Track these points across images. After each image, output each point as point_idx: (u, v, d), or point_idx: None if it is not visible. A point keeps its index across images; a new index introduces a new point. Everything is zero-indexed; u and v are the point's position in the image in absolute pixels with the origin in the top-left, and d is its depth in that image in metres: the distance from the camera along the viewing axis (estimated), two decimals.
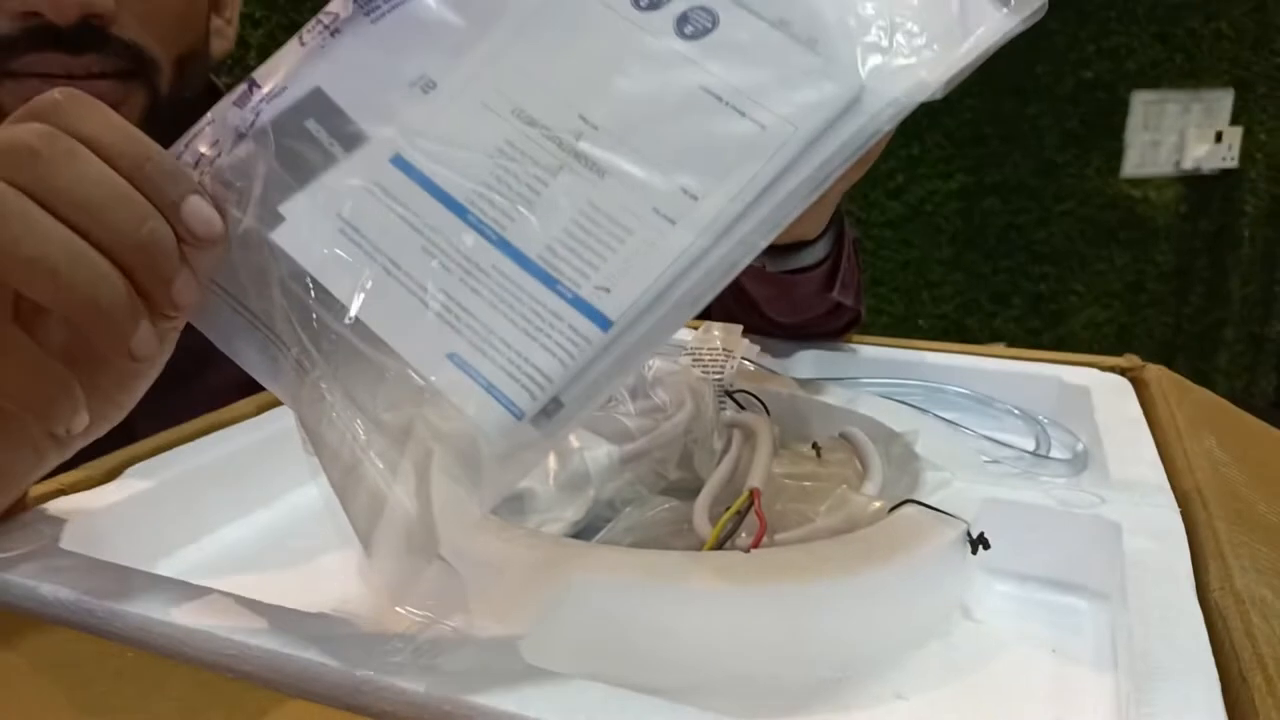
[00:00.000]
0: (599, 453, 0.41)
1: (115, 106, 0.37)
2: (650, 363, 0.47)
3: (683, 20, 0.30)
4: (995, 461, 0.44)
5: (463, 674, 0.25)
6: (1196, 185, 1.67)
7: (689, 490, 0.41)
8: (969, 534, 0.34)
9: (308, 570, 0.37)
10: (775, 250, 0.55)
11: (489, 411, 0.26)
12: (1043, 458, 0.44)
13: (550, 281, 0.27)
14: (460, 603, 0.26)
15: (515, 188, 0.28)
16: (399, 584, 0.26)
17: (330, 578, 0.35)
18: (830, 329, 0.60)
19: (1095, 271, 1.67)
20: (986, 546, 0.33)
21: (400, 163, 0.29)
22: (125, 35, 0.50)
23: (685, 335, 0.52)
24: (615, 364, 0.27)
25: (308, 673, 0.26)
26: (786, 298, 0.58)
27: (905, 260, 1.59)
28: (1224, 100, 1.63)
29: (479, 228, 0.28)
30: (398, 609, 0.26)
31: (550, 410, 0.26)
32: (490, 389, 0.26)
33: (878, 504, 0.36)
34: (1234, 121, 1.64)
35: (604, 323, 0.26)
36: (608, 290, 0.27)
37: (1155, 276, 1.70)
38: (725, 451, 0.43)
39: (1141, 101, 1.60)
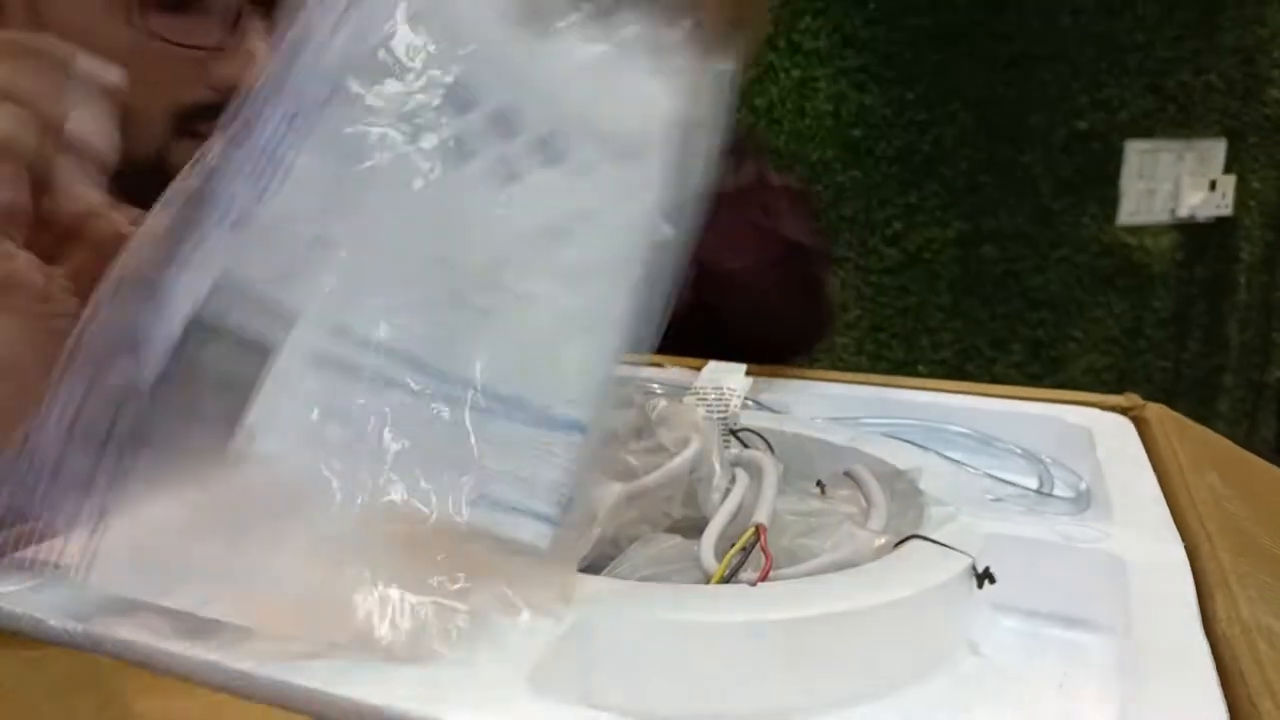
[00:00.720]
0: (605, 490, 0.42)
1: None
2: (656, 403, 0.48)
3: (542, 145, 0.34)
4: (999, 500, 0.44)
5: (468, 705, 0.25)
6: (1192, 233, 1.69)
7: (694, 528, 0.41)
8: (974, 568, 0.34)
9: None
10: None
11: (529, 529, 0.31)
12: (1046, 495, 0.45)
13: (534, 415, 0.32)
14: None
15: (459, 341, 0.31)
16: None
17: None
18: (800, 312, 0.61)
19: (1093, 318, 1.68)
20: (992, 581, 0.34)
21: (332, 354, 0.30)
22: None
23: (689, 376, 0.52)
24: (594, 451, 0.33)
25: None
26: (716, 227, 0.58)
27: (904, 306, 1.60)
28: (1217, 149, 1.66)
29: (447, 391, 0.31)
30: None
31: (566, 505, 0.33)
32: (524, 511, 0.31)
33: (883, 539, 0.36)
34: (1227, 170, 1.66)
35: (582, 428, 0.33)
36: (573, 401, 0.33)
37: (1153, 323, 1.71)
38: (730, 489, 0.43)
39: (1135, 151, 1.63)
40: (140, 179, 0.55)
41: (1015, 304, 1.65)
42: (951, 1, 1.51)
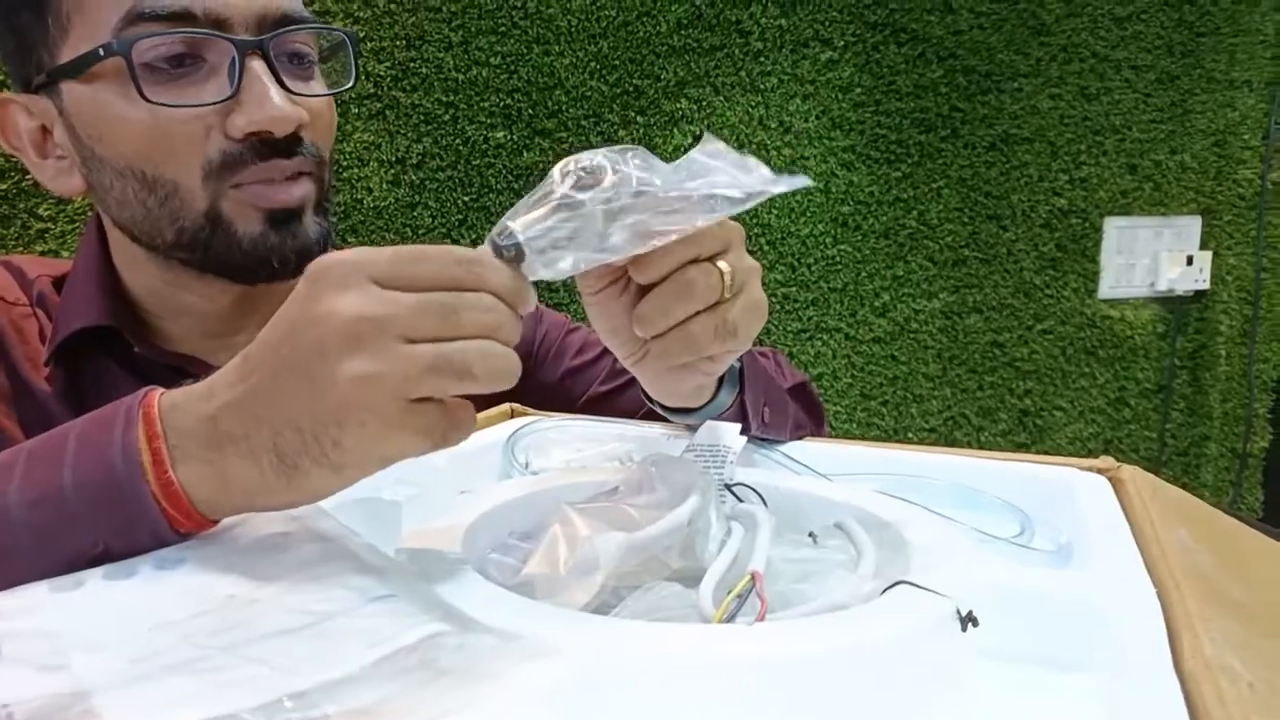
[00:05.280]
0: (608, 539, 0.44)
1: (306, 201, 0.63)
2: (656, 459, 0.50)
3: None
4: (982, 549, 0.46)
5: None
6: (1172, 306, 1.74)
7: (692, 578, 0.43)
8: (958, 611, 0.36)
9: None
10: (673, 410, 0.59)
11: None
12: (1028, 547, 0.47)
13: None
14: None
15: None
16: None
17: None
18: None
19: (1078, 388, 1.72)
20: (975, 624, 0.36)
21: None
22: (308, 139, 0.61)
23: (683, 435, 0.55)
24: None
25: None
26: None
27: (893, 375, 1.63)
28: (1193, 226, 1.72)
29: None
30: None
31: None
32: None
33: (871, 584, 0.38)
34: (1203, 246, 1.72)
35: None
36: None
37: (1137, 393, 1.75)
38: (727, 540, 0.45)
39: (1114, 227, 1.68)
40: (203, 243, 0.58)
41: (1002, 374, 1.69)
42: (935, 87, 1.57)
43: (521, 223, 0.40)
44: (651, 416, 0.62)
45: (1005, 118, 1.61)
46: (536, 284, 0.41)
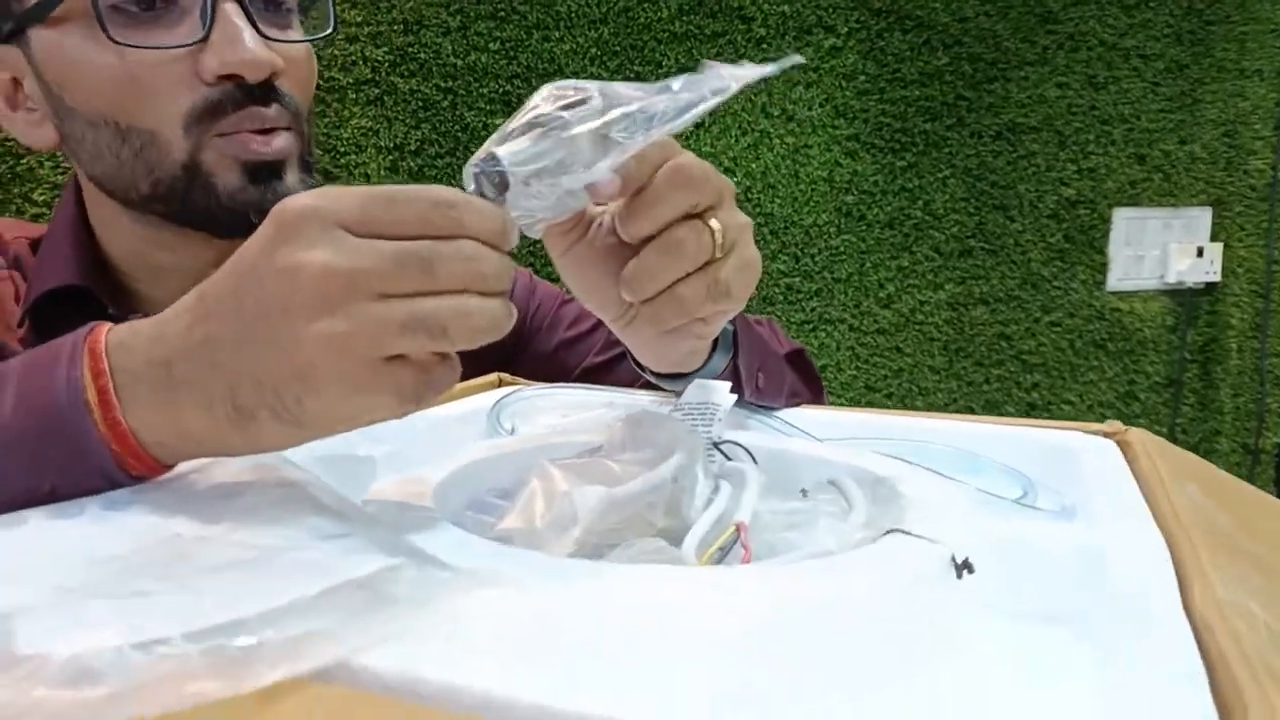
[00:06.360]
0: (588, 494, 0.42)
1: (288, 155, 0.60)
2: (642, 417, 0.48)
3: None
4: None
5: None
6: (1182, 298, 1.71)
7: (678, 537, 0.41)
8: (953, 558, 0.34)
9: None
10: (664, 377, 0.56)
11: None
12: (1030, 507, 0.44)
13: None
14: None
15: None
16: None
17: None
18: None
19: (1086, 381, 1.69)
20: (971, 570, 0.33)
21: None
22: (285, 90, 0.59)
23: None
24: None
25: None
26: None
27: (898, 368, 1.61)
28: (1203, 218, 1.69)
29: None
30: None
31: None
32: None
33: (863, 534, 0.36)
34: (1214, 237, 1.69)
35: None
36: None
37: (1146, 387, 1.72)
38: (714, 498, 0.43)
39: (1122, 218, 1.66)
40: (180, 195, 0.56)
41: (1009, 367, 1.66)
42: (940, 75, 1.55)
43: (507, 149, 0.38)
44: (648, 387, 0.60)
45: (1012, 106, 1.59)
46: (527, 255, 0.39)
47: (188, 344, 0.34)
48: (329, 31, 0.63)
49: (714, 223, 0.43)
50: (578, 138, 0.39)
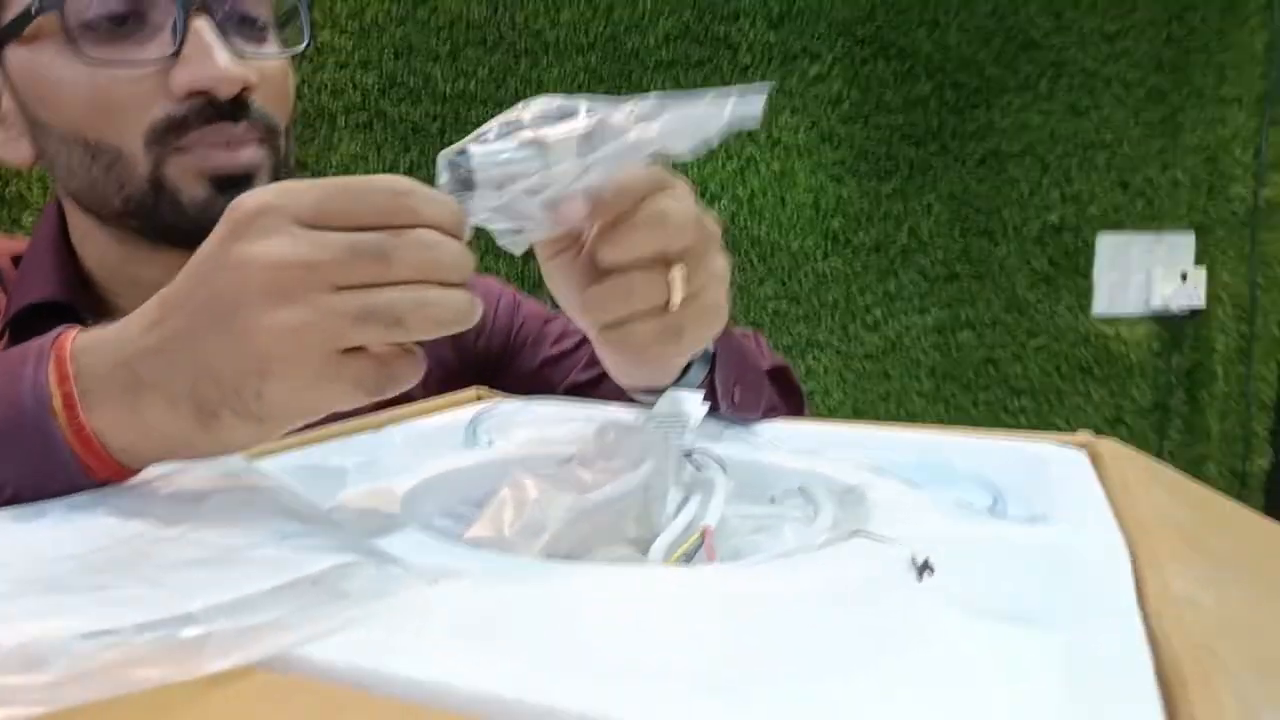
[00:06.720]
0: (557, 502, 0.42)
1: (257, 168, 0.59)
2: (614, 427, 0.48)
3: None
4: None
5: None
6: (1167, 323, 1.72)
7: (648, 547, 0.41)
8: (914, 559, 0.34)
9: None
10: (643, 389, 0.56)
11: None
12: (1000, 516, 0.45)
13: None
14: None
15: None
16: None
17: None
18: None
19: (1074, 405, 1.70)
20: (931, 571, 0.34)
21: None
22: (258, 105, 0.59)
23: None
24: None
25: None
26: None
27: (885, 392, 1.61)
28: (1186, 243, 1.71)
29: None
30: None
31: None
32: None
33: (827, 536, 0.36)
34: (1198, 262, 1.71)
35: None
36: None
37: (1134, 411, 1.72)
38: (684, 506, 0.44)
39: (1107, 243, 1.67)
40: (148, 210, 0.57)
41: (996, 391, 1.66)
42: (924, 102, 1.57)
43: (480, 148, 0.38)
44: (633, 402, 0.60)
45: (995, 133, 1.61)
46: (516, 273, 0.39)
47: (148, 344, 0.35)
48: (304, 46, 0.63)
49: (676, 272, 0.42)
50: (551, 153, 0.39)
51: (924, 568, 0.34)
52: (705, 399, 0.55)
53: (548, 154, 0.38)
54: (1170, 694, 0.24)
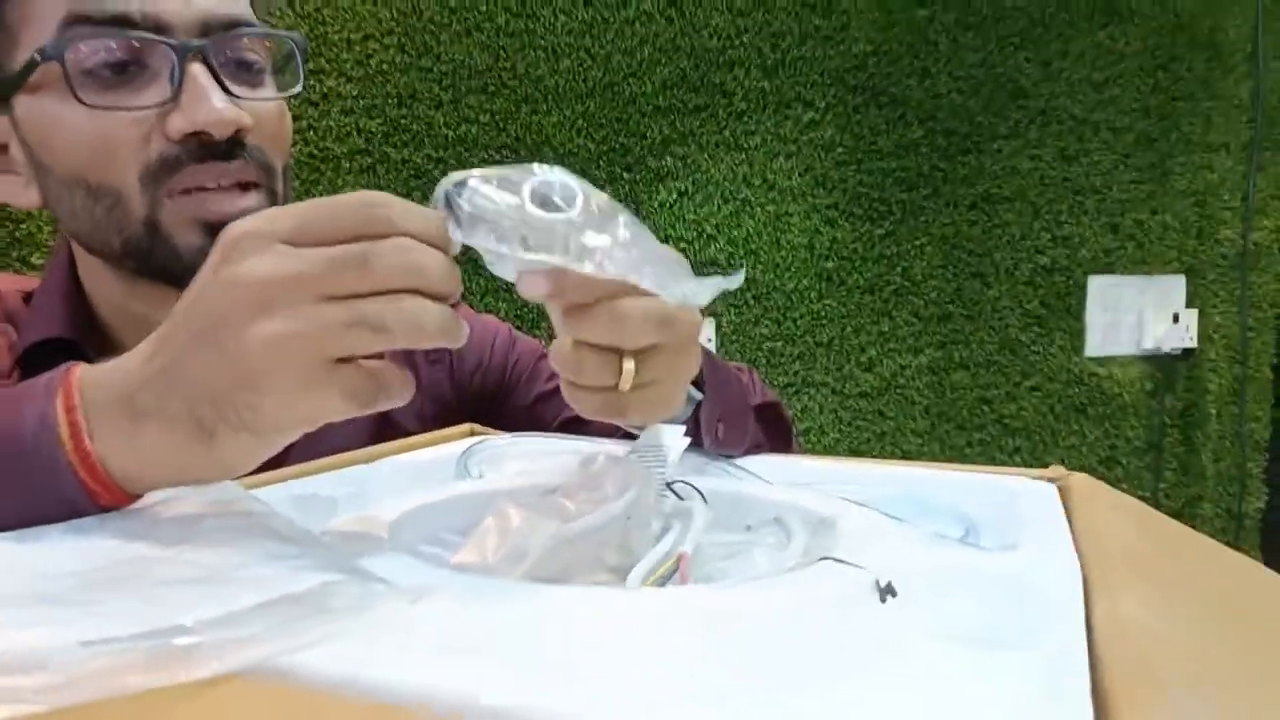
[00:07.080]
0: (540, 530, 0.43)
1: (251, 212, 0.56)
2: (597, 458, 0.50)
3: None
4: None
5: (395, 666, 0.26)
6: (1159, 364, 1.74)
7: (627, 575, 0.42)
8: (877, 583, 0.35)
9: None
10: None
11: None
12: (972, 545, 0.46)
13: None
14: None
15: None
16: None
17: None
18: None
19: (1068, 445, 1.71)
20: (894, 595, 0.35)
21: None
22: (254, 145, 0.60)
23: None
24: None
25: None
26: None
27: (881, 431, 1.62)
28: (1177, 285, 1.73)
29: None
30: None
31: None
32: None
33: (797, 562, 0.37)
34: (1189, 304, 1.73)
35: None
36: None
37: (1128, 451, 1.74)
38: (663, 535, 0.45)
39: (1098, 285, 1.70)
40: (145, 252, 0.59)
41: (990, 430, 1.68)
42: (915, 147, 1.61)
43: (479, 185, 0.38)
44: (627, 437, 0.62)
45: (986, 177, 1.64)
46: (512, 313, 0.39)
47: (147, 373, 0.36)
48: (297, 89, 0.65)
49: (627, 363, 0.43)
50: (532, 235, 0.39)
51: (887, 590, 0.35)
52: (688, 434, 0.56)
53: (528, 233, 0.39)
54: (1104, 707, 0.25)
